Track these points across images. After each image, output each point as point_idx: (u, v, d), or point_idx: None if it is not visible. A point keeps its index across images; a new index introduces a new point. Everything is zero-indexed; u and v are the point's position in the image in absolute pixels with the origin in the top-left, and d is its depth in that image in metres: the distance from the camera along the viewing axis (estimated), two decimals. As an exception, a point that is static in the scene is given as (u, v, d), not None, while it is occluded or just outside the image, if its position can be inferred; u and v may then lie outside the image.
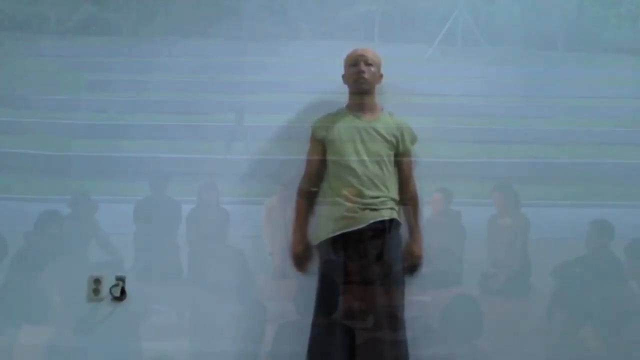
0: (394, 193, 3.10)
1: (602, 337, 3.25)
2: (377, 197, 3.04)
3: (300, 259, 3.14)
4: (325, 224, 3.08)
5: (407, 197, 3.15)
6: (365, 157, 3.07)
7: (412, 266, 3.12)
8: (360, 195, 3.03)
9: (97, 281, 3.23)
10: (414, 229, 3.14)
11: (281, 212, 3.32)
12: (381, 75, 3.17)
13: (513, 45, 3.54)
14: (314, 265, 3.10)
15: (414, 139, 3.16)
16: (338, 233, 3.02)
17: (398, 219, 3.09)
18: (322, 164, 3.16)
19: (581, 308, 3.28)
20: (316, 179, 3.16)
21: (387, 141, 3.10)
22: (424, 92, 3.46)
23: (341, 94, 3.22)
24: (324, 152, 3.15)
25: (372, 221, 3.02)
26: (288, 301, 3.21)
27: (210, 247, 3.36)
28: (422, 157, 3.21)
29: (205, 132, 3.47)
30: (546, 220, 3.33)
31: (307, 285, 3.10)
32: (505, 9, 3.58)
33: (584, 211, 3.41)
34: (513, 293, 3.31)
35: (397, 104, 3.26)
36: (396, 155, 3.12)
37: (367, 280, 3.00)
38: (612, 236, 3.31)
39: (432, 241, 3.28)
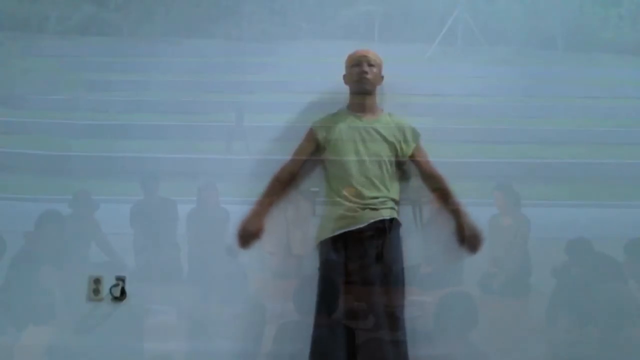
0: (394, 193, 3.10)
1: (602, 336, 3.25)
2: (377, 198, 3.05)
3: (247, 236, 3.13)
4: (326, 224, 3.08)
5: (437, 187, 3.15)
6: (365, 158, 3.08)
7: (471, 246, 3.12)
8: (360, 195, 3.04)
9: (97, 281, 3.23)
10: (456, 212, 3.13)
11: (281, 212, 3.32)
12: (382, 77, 3.18)
13: (513, 45, 3.54)
14: (314, 266, 3.10)
15: (416, 135, 3.17)
16: (338, 233, 3.03)
17: (398, 218, 3.09)
18: (306, 164, 3.17)
19: (581, 308, 3.28)
20: (295, 174, 3.17)
21: (388, 142, 3.11)
22: (424, 92, 3.46)
23: (341, 94, 3.22)
24: (313, 152, 3.17)
25: (372, 221, 3.02)
26: (288, 301, 3.21)
27: (210, 247, 3.36)
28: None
29: (205, 132, 3.47)
30: (546, 220, 3.33)
31: (307, 285, 3.10)
32: (505, 9, 3.58)
33: (584, 211, 3.41)
34: (513, 293, 3.31)
35: (397, 104, 3.26)
36: (399, 156, 3.12)
37: (367, 280, 3.00)
38: (590, 250, 3.31)
39: (431, 241, 3.28)
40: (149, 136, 3.46)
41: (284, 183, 3.18)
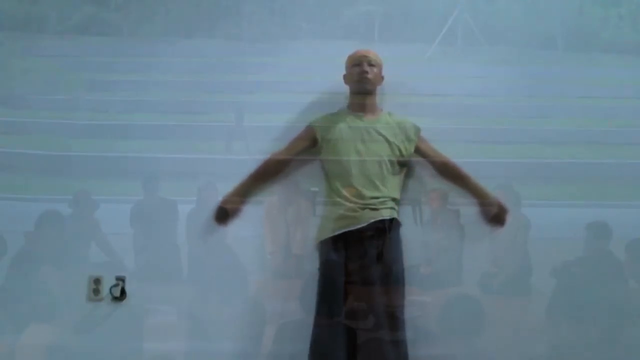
0: (395, 193, 3.10)
1: (602, 337, 3.25)
2: (377, 197, 3.05)
3: (225, 214, 3.16)
4: (326, 224, 3.08)
5: (453, 174, 3.18)
6: (365, 157, 3.08)
7: (499, 220, 3.17)
8: (360, 195, 3.04)
9: (97, 281, 3.23)
10: (478, 191, 3.16)
11: (281, 212, 3.33)
12: (382, 77, 3.18)
13: (513, 45, 3.54)
14: (314, 266, 3.10)
15: (417, 130, 3.17)
16: (338, 232, 3.02)
17: (398, 218, 3.09)
18: (297, 159, 3.19)
19: (581, 308, 3.28)
20: (283, 166, 3.19)
21: (389, 142, 3.11)
22: (424, 92, 3.46)
23: (341, 94, 3.22)
24: (307, 149, 3.17)
25: (372, 220, 3.02)
26: (288, 301, 3.21)
27: (210, 247, 3.36)
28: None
29: (205, 132, 3.47)
30: (546, 220, 3.33)
31: (307, 285, 3.11)
32: (505, 9, 3.58)
33: (584, 211, 3.42)
34: (513, 293, 3.31)
35: (397, 104, 3.26)
36: (403, 155, 3.12)
37: (368, 280, 3.00)
38: (609, 237, 3.31)
39: (431, 241, 3.28)
40: (149, 136, 3.46)
41: (270, 172, 3.20)
